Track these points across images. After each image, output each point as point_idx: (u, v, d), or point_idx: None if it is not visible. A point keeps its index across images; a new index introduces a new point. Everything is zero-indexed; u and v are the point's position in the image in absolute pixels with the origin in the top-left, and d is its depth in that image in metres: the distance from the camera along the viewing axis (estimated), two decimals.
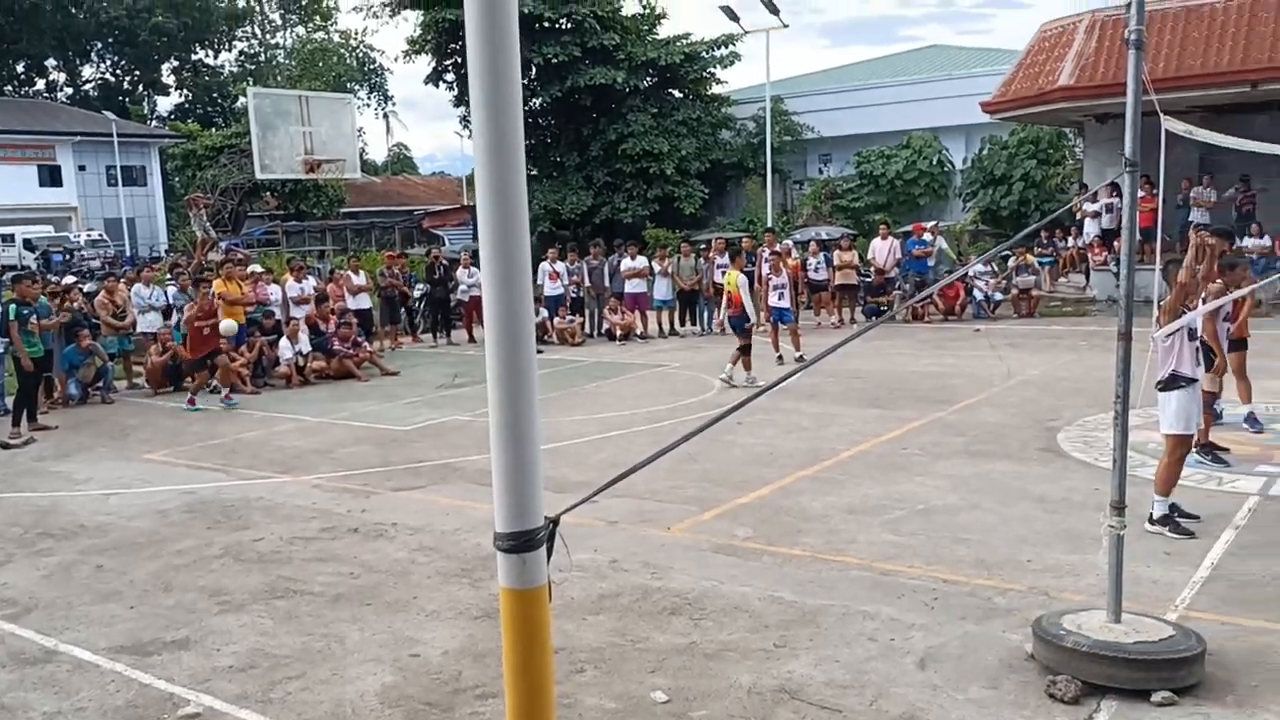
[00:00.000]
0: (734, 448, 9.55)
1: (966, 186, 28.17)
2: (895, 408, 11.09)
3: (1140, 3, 4.64)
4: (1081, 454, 8.68)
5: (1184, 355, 6.56)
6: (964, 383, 12.33)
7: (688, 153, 29.81)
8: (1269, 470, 7.95)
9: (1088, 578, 5.77)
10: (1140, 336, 5.29)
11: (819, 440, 9.75)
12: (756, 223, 27.78)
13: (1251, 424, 9.11)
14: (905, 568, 6.19)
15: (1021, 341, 15.72)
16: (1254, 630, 5.10)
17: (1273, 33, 17.79)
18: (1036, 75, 20.19)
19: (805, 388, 12.47)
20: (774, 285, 14.83)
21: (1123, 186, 4.76)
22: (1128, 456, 4.98)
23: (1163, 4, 19.10)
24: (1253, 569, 5.90)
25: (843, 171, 31.41)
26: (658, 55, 29.66)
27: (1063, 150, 26.53)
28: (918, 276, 19.38)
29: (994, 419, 10.29)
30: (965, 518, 7.13)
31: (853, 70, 37.96)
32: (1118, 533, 4.77)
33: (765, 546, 6.74)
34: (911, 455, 8.98)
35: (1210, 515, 6.83)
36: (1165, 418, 6.64)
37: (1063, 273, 21.70)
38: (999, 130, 26.48)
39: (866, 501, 7.61)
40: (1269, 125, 18.59)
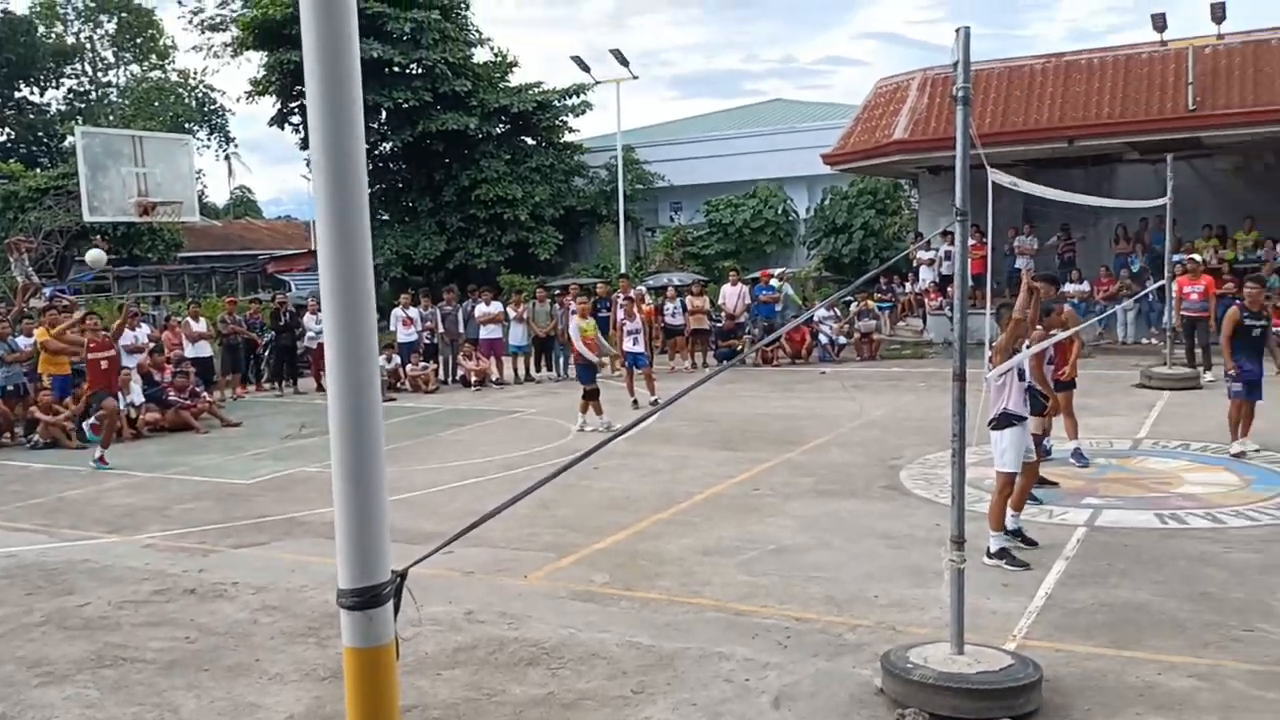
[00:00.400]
0: (590, 493, 9.52)
1: (810, 235, 29.19)
2: (747, 449, 11.30)
3: (966, 62, 4.92)
4: (923, 491, 9.02)
5: (1015, 395, 6.91)
6: (812, 424, 12.68)
7: (542, 199, 29.91)
8: (1094, 502, 8.45)
9: (932, 611, 5.97)
10: (974, 378, 5.56)
11: (674, 483, 9.83)
12: (611, 268, 28.05)
13: (1078, 459, 9.66)
14: (759, 608, 6.27)
15: (865, 383, 16.30)
16: (1085, 656, 5.37)
17: (1085, 92, 19.23)
18: (873, 129, 21.19)
19: (660, 431, 12.58)
20: (628, 330, 14.97)
21: (955, 235, 5.01)
22: (966, 493, 5.21)
23: (987, 64, 20.41)
24: (1082, 597, 6.23)
25: (693, 219, 32.09)
26: (510, 102, 29.77)
27: (899, 200, 27.85)
28: (766, 321, 19.93)
29: (841, 459, 10.60)
30: (816, 556, 7.29)
31: (701, 121, 38.99)
32: (958, 566, 4.96)
33: (623, 591, 6.71)
34: (764, 496, 9.14)
35: (1042, 547, 7.18)
36: (998, 455, 6.98)
37: (901, 317, 22.70)
38: (840, 181, 27.60)
39: (721, 543, 7.70)
40: (1085, 179, 20.05)
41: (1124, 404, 13.11)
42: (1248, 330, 9.85)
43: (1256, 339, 9.90)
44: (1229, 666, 5.14)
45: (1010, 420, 6.88)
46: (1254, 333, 9.87)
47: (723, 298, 20.55)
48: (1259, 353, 9.96)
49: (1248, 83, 17.88)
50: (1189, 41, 18.69)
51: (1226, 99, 17.87)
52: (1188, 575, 6.51)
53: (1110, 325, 19.32)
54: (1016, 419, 6.90)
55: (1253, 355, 9.89)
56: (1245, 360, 9.83)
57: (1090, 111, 18.99)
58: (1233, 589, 6.23)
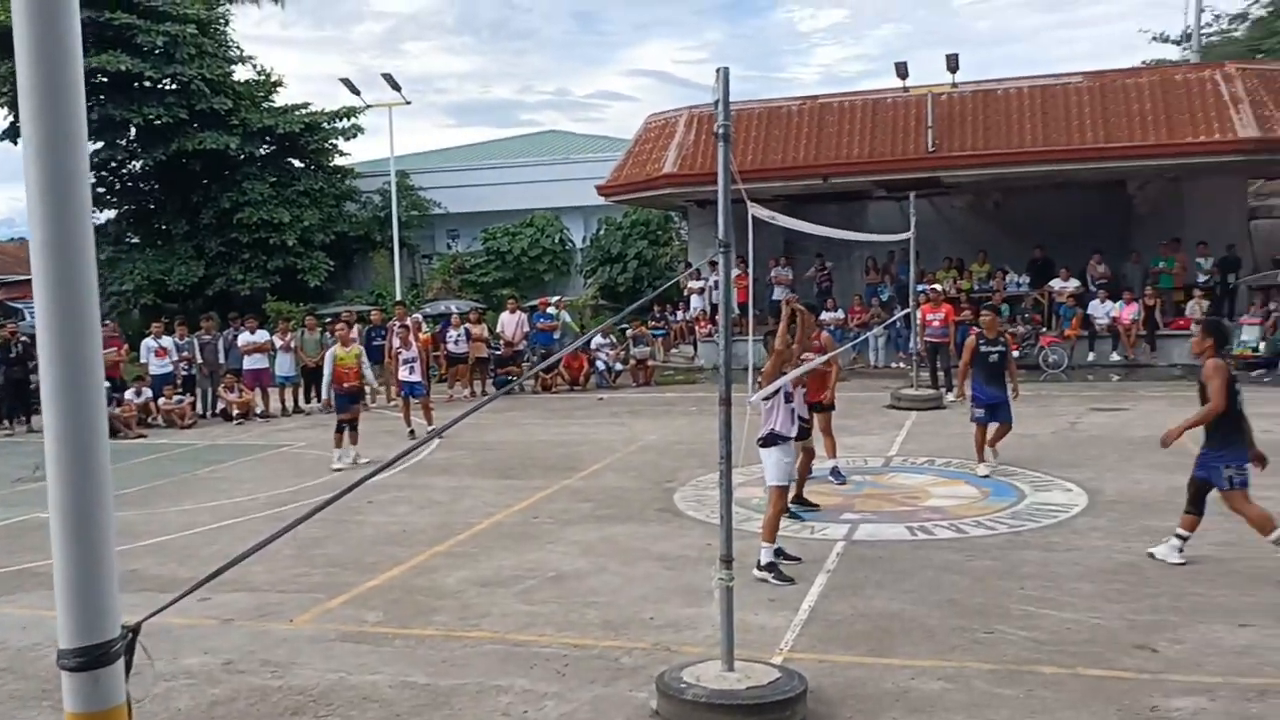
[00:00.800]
0: (364, 528, 9.19)
1: (587, 264, 29.59)
2: (527, 477, 11.25)
3: (726, 101, 5.13)
4: (695, 512, 9.27)
5: (780, 416, 7.23)
6: (590, 449, 12.78)
7: (311, 223, 28.83)
8: (852, 517, 8.94)
9: (705, 629, 6.12)
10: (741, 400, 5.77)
11: (452, 514, 9.64)
12: (385, 296, 27.35)
13: (836, 477, 10.21)
14: (538, 637, 6.23)
15: (640, 408, 16.62)
16: (846, 665, 5.65)
17: (838, 133, 20.53)
18: (644, 163, 21.78)
19: (439, 461, 12.34)
20: (404, 359, 14.60)
21: (720, 265, 5.20)
22: (734, 512, 5.39)
23: (748, 105, 21.43)
24: (842, 609, 6.56)
25: (470, 247, 31.83)
26: (275, 123, 28.57)
27: (670, 232, 28.72)
28: (544, 349, 19.98)
29: (617, 483, 10.74)
30: (593, 581, 7.32)
31: (478, 149, 38.82)
32: (727, 585, 5.11)
33: (397, 630, 6.50)
34: (542, 523, 9.12)
35: (805, 561, 7.53)
36: (768, 471, 7.28)
37: (674, 344, 23.36)
38: (614, 212, 28.16)
39: (500, 573, 7.60)
40: (840, 214, 21.36)
41: (877, 424, 13.99)
42: (985, 356, 10.43)
43: (994, 364, 10.43)
44: (973, 667, 5.54)
45: (777, 439, 7.19)
46: (991, 359, 10.43)
47: (501, 325, 20.46)
48: (999, 377, 10.47)
49: (979, 128, 19.65)
50: (928, 89, 20.34)
51: (960, 142, 19.57)
52: (935, 583, 6.99)
53: (863, 350, 20.61)
54: (782, 438, 7.22)
55: (993, 380, 10.42)
56: (985, 385, 10.39)
57: (842, 151, 20.29)
58: (975, 594, 6.74)
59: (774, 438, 7.20)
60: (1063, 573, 7.11)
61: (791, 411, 7.33)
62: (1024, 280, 20.66)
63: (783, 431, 7.22)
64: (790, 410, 7.31)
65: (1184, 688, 5.16)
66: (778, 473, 7.24)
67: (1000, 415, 10.41)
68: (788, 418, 7.27)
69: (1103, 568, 7.19)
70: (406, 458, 12.01)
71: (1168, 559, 7.20)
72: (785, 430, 7.24)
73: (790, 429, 7.31)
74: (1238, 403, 6.89)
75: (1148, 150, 18.38)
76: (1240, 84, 18.33)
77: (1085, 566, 7.24)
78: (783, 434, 7.22)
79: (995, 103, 19.82)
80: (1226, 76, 18.64)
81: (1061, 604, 6.46)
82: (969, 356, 10.55)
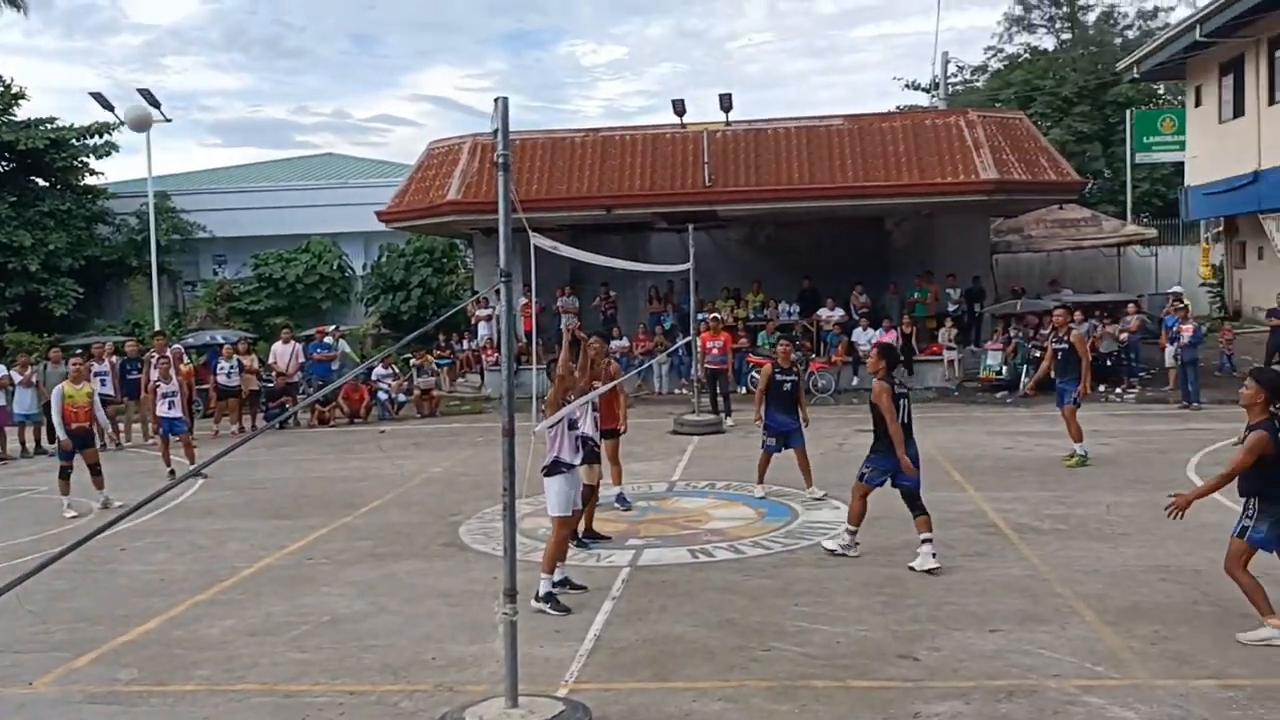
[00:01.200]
0: (117, 577, 8.49)
1: (368, 291, 28.75)
2: (301, 516, 10.72)
3: (505, 130, 5.12)
4: (481, 545, 9.11)
5: (564, 444, 7.22)
6: (371, 485, 12.35)
7: (57, 247, 26.63)
8: (636, 543, 9.05)
9: (489, 666, 6.00)
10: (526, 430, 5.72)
11: (217, 559, 9.05)
12: (143, 325, 25.54)
13: (622, 503, 10.31)
14: (311, 686, 5.92)
15: (425, 440, 16.24)
16: (630, 692, 5.68)
17: (620, 166, 20.94)
18: (427, 189, 21.43)
19: (202, 503, 11.59)
20: (163, 393, 13.64)
21: (501, 295, 5.15)
22: (520, 544, 5.32)
23: (532, 134, 21.54)
24: (626, 635, 6.60)
25: (239, 273, 30.28)
26: (16, 138, 26.32)
27: (456, 259, 28.36)
28: (321, 380, 19.20)
29: (400, 519, 10.42)
30: (372, 623, 7.05)
31: (248, 171, 37.07)
32: (511, 619, 5.03)
33: (154, 687, 6.02)
34: (318, 565, 8.71)
35: (591, 589, 7.54)
36: (549, 501, 7.25)
37: (461, 373, 23.01)
38: (396, 238, 27.53)
39: (270, 620, 7.19)
40: (623, 244, 21.77)
41: (660, 449, 14.27)
42: (779, 385, 10.51)
43: (788, 393, 10.55)
44: (751, 686, 5.69)
45: (560, 467, 7.18)
46: (785, 387, 10.53)
47: (274, 356, 19.51)
48: (791, 405, 10.59)
49: (751, 165, 20.54)
50: (704, 126, 21.10)
51: (735, 178, 20.39)
52: (716, 604, 7.16)
53: (648, 377, 21.03)
54: (566, 466, 7.21)
55: (785, 408, 10.54)
56: (778, 413, 10.49)
57: (625, 183, 20.71)
58: (752, 613, 6.95)
59: (557, 465, 7.18)
60: (833, 588, 7.46)
61: (575, 438, 7.34)
62: (794, 309, 21.73)
63: (566, 459, 7.22)
64: (575, 437, 7.32)
65: (942, 693, 5.50)
66: (560, 502, 7.22)
67: (794, 441, 10.57)
68: (572, 445, 7.27)
69: (869, 581, 7.59)
70: (164, 499, 11.22)
71: (924, 566, 7.70)
72: (569, 458, 7.24)
73: (574, 456, 7.32)
74: (901, 416, 7.90)
75: (902, 189, 19.78)
76: (981, 130, 20.06)
77: (853, 581, 7.62)
78: (566, 461, 7.22)
79: (765, 141, 20.80)
80: (969, 123, 20.35)
81: (832, 619, 6.76)
82: (765, 384, 10.62)
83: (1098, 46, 37.48)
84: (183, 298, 30.59)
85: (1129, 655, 5.94)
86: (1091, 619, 6.58)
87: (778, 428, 10.57)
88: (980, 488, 10.79)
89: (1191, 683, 5.51)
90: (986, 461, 12.36)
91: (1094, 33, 38.53)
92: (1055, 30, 39.56)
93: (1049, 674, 5.70)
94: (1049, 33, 39.69)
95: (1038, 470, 11.73)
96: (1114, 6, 39.08)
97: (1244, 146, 23.88)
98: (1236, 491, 6.24)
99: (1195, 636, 6.20)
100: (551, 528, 7.30)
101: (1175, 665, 5.77)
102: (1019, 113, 23.60)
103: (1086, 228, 25.21)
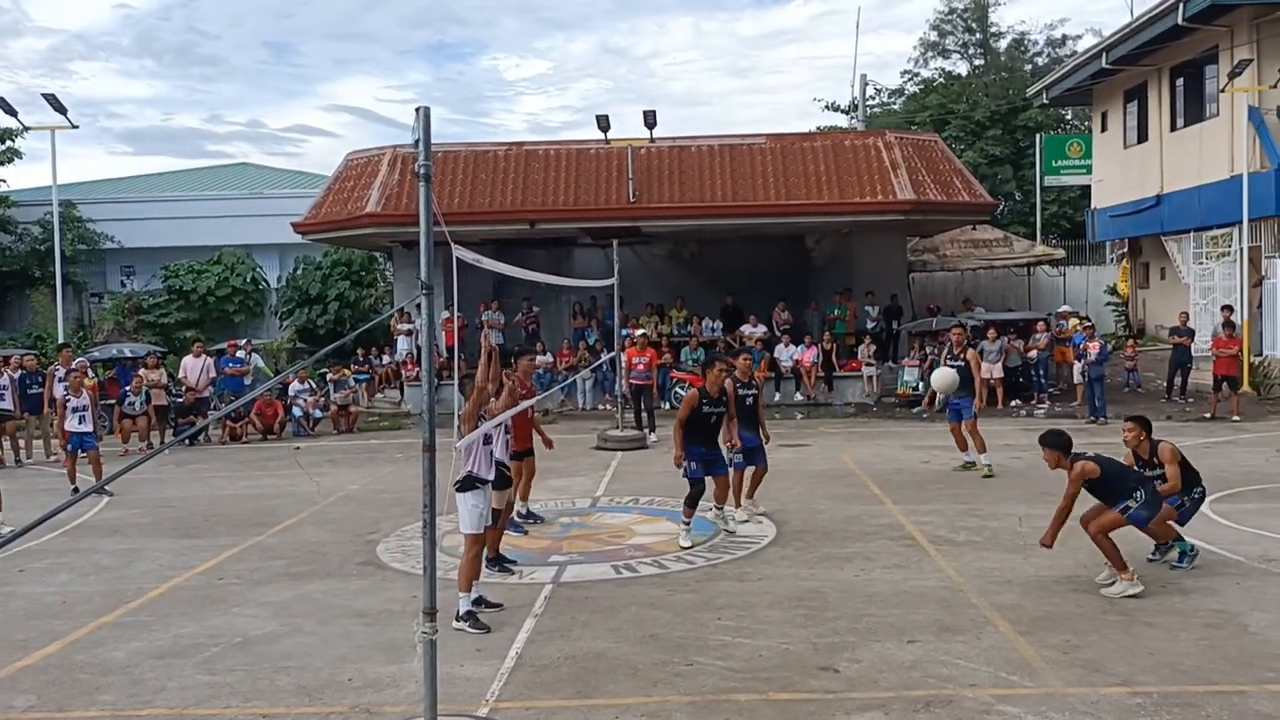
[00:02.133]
0: (14, 600, 8.13)
1: (283, 305, 28.17)
2: (212, 535, 10.40)
3: (427, 141, 5.05)
4: (400, 564, 8.93)
5: (480, 458, 7.13)
6: (285, 503, 12.04)
7: None
8: (559, 559, 8.97)
9: (408, 686, 5.87)
10: (447, 447, 5.63)
11: (123, 580, 8.71)
12: (46, 338, 24.63)
13: (522, 520, 10.10)
14: (222, 710, 5.72)
15: (341, 457, 15.91)
16: (552, 710, 5.61)
17: (544, 180, 20.88)
18: (345, 201, 21.09)
19: (108, 521, 11.18)
20: (73, 407, 13.14)
21: (422, 308, 5.07)
22: (440, 561, 5.22)
23: (454, 147, 21.36)
24: (549, 653, 6.53)
25: (148, 285, 29.42)
26: None
27: (375, 273, 27.95)
28: (233, 395, 18.71)
29: (315, 537, 10.17)
30: (286, 644, 6.85)
31: (159, 180, 36.13)
32: (430, 638, 4.93)
33: (53, 713, 5.76)
34: (229, 585, 8.45)
35: (513, 606, 7.45)
36: (461, 518, 7.14)
37: (380, 389, 22.63)
38: (313, 251, 27.03)
39: (179, 642, 6.94)
40: (547, 259, 21.71)
41: (584, 465, 14.20)
42: (741, 400, 10.06)
43: (749, 408, 10.18)
44: (674, 701, 5.67)
45: (474, 483, 7.08)
46: (747, 402, 10.15)
47: (184, 370, 18.96)
48: (753, 421, 10.25)
49: (675, 182, 20.68)
50: (628, 142, 21.19)
51: (659, 194, 20.50)
52: (639, 620, 7.13)
53: (572, 393, 20.95)
54: (480, 482, 7.12)
55: (746, 424, 10.13)
56: (742, 430, 10.05)
57: (548, 198, 20.66)
58: (676, 628, 6.93)
59: (471, 481, 7.07)
60: (755, 601, 7.48)
61: (490, 454, 7.25)
62: (717, 325, 21.88)
63: (480, 474, 7.12)
64: (489, 453, 7.24)
65: (862, 704, 5.55)
66: (471, 520, 7.09)
67: (756, 459, 10.25)
68: (486, 460, 7.18)
69: (790, 594, 7.64)
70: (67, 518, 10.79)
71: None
72: (483, 473, 7.15)
73: (488, 472, 7.23)
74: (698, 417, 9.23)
75: (822, 208, 20.10)
76: (898, 151, 20.51)
77: (775, 594, 7.66)
78: (481, 477, 7.13)
79: (689, 158, 20.96)
80: (887, 144, 20.80)
81: (754, 632, 6.78)
82: (731, 402, 9.96)
83: (1009, 72, 38.71)
84: (89, 310, 29.60)
85: (1042, 664, 6.06)
86: (1006, 629, 6.71)
87: (744, 444, 10.12)
88: (898, 501, 10.96)
89: (1102, 690, 5.65)
90: (904, 475, 12.56)
91: (1005, 59, 39.80)
92: (968, 56, 40.79)
93: (966, 684, 5.79)
94: (963, 58, 40.95)
95: (953, 484, 11.97)
96: (1024, 34, 40.47)
97: (1147, 171, 24.88)
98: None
99: (1104, 645, 6.36)
100: (464, 544, 7.17)
101: (1086, 673, 5.91)
102: (934, 135, 24.22)
103: (998, 248, 25.96)
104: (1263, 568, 8.05)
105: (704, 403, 9.45)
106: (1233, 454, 13.39)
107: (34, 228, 28.18)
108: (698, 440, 9.44)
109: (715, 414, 9.54)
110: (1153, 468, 8.05)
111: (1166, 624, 6.72)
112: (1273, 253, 20.21)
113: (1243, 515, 9.82)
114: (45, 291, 27.06)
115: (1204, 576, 7.80)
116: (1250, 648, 6.27)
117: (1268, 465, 12.60)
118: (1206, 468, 11.94)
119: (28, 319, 28.17)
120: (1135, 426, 8.21)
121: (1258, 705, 5.40)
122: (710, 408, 9.48)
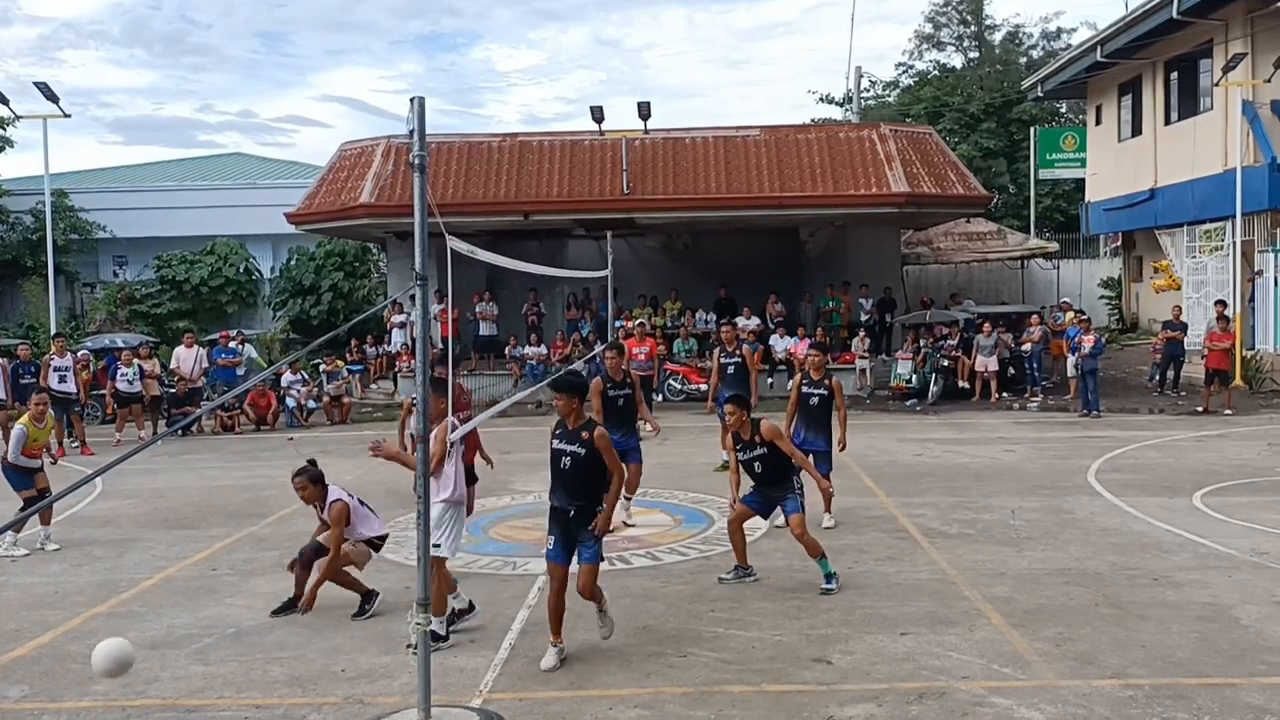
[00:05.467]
0: (5, 590, 8.12)
1: (276, 296, 28.09)
2: (205, 526, 10.39)
3: (422, 131, 5.03)
4: (393, 555, 8.91)
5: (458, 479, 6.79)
6: (278, 494, 11.98)
7: None
8: None
9: (401, 677, 5.88)
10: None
11: (116, 571, 8.70)
12: (39, 329, 24.55)
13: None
14: (215, 700, 5.72)
15: (335, 448, 15.88)
16: (545, 701, 5.62)
17: (538, 172, 20.83)
18: (339, 191, 21.03)
19: (100, 513, 11.16)
20: (54, 367, 13.14)
21: (416, 299, 5.06)
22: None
23: (449, 138, 21.30)
24: (542, 644, 6.49)
25: (141, 275, 29.32)
26: None
27: (369, 263, 27.88)
28: (226, 386, 18.67)
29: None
30: (279, 635, 6.85)
31: (151, 170, 35.98)
32: (424, 629, 4.93)
33: (46, 704, 5.76)
34: (222, 575, 8.45)
35: (506, 598, 7.45)
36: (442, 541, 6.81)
37: (374, 380, 22.60)
38: (306, 241, 26.96)
39: (172, 633, 6.93)
40: (540, 251, 21.69)
41: None
42: (806, 399, 9.34)
43: (815, 408, 9.32)
44: (668, 692, 5.68)
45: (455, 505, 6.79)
46: (812, 401, 9.32)
47: (176, 361, 18.91)
48: (820, 422, 9.32)
49: (669, 174, 20.64)
50: (623, 133, 21.14)
51: (653, 186, 20.46)
52: (632, 611, 7.13)
53: None
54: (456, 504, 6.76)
55: (812, 425, 9.30)
56: (805, 430, 9.26)
57: (543, 189, 20.61)
58: (669, 620, 6.95)
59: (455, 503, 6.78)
60: (748, 593, 7.50)
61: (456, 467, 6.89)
62: (711, 318, 21.87)
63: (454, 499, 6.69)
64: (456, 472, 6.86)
65: (855, 696, 5.57)
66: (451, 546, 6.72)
67: (819, 465, 8.77)
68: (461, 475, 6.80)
69: (783, 586, 7.65)
70: (59, 508, 10.75)
71: None
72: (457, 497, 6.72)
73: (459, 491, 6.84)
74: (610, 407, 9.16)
75: (816, 200, 20.09)
76: (893, 144, 20.50)
77: (768, 586, 7.67)
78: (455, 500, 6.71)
79: (684, 150, 20.92)
80: (881, 137, 20.78)
81: (747, 624, 6.80)
82: (795, 398, 9.43)
83: (1003, 65, 38.71)
84: (81, 300, 29.50)
85: (1035, 657, 6.09)
86: (998, 621, 6.73)
87: (801, 446, 8.66)
88: (891, 493, 10.99)
89: (1094, 683, 5.67)
90: (897, 468, 12.59)
91: (1000, 52, 39.79)
92: (963, 49, 40.76)
93: (958, 676, 5.81)
94: (957, 51, 40.91)
95: (946, 476, 12.00)
96: (1019, 27, 40.47)
97: (1141, 164, 24.90)
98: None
99: (1096, 637, 6.39)
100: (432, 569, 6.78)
101: (1079, 666, 5.93)
102: (929, 128, 24.21)
103: (992, 241, 25.99)
104: (1254, 561, 8.08)
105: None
106: (1225, 448, 13.43)
107: (26, 217, 28.04)
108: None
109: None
110: (754, 447, 7.58)
111: (1159, 617, 6.75)
112: (1265, 247, 20.26)
113: (1234, 509, 9.86)
114: (37, 281, 26.94)
115: (1196, 570, 7.84)
116: (1242, 640, 6.30)
117: (1259, 459, 12.65)
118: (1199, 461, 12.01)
119: (20, 309, 28.06)
120: (736, 409, 7.60)
121: (1249, 698, 5.43)
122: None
